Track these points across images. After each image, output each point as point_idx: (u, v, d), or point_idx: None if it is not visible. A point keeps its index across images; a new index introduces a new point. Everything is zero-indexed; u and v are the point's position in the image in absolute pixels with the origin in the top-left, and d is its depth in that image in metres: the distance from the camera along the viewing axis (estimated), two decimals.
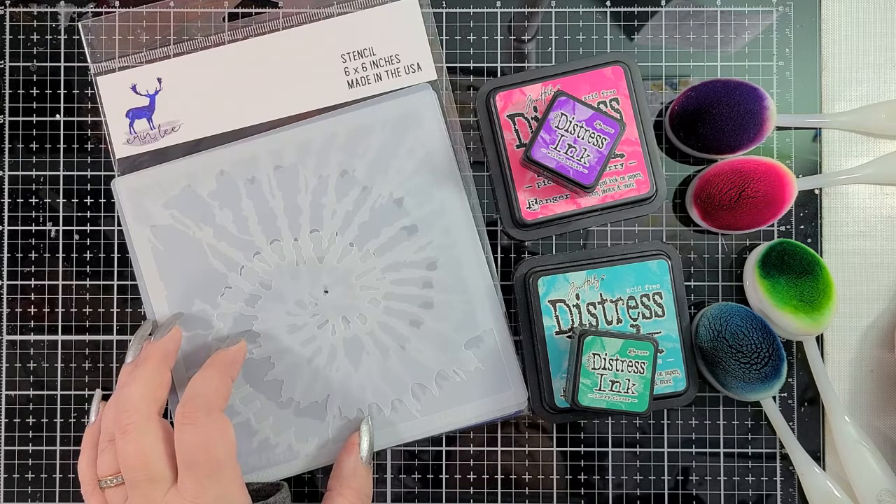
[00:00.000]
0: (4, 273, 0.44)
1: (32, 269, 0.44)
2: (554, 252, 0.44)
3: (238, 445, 0.42)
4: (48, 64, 0.44)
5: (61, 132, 0.44)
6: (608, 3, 0.44)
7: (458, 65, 0.44)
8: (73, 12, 0.44)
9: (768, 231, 0.44)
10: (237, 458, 0.37)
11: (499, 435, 0.44)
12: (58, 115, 0.44)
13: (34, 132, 0.44)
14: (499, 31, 0.44)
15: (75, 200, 0.44)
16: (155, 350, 0.39)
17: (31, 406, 0.44)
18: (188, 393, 0.37)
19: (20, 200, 0.44)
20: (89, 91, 0.44)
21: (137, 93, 0.43)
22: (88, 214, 0.44)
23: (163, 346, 0.39)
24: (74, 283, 0.44)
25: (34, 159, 0.44)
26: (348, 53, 0.43)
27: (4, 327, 0.44)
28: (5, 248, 0.44)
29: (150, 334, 0.41)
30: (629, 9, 0.44)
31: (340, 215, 0.43)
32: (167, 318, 0.42)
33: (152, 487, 0.36)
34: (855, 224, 0.44)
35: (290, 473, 0.43)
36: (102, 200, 0.44)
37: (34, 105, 0.44)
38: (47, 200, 0.44)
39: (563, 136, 0.39)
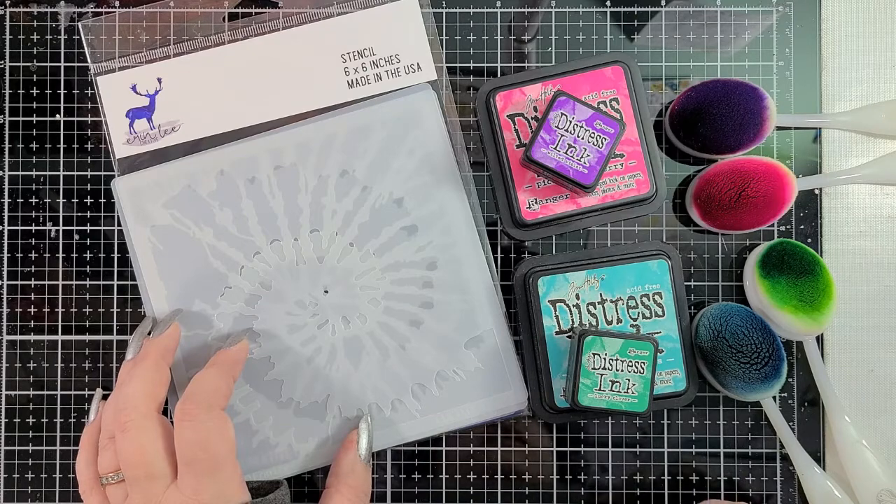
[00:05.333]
0: (4, 273, 0.44)
1: (32, 269, 0.44)
2: (554, 252, 0.44)
3: (238, 445, 0.42)
4: (48, 64, 0.44)
5: (61, 132, 0.44)
6: (608, 3, 0.44)
7: (458, 65, 0.44)
8: (73, 12, 0.44)
9: (768, 231, 0.44)
10: (238, 458, 0.37)
11: (499, 435, 0.44)
12: (58, 115, 0.44)
13: (34, 132, 0.44)
14: (499, 31, 0.44)
15: (75, 200, 0.44)
16: (154, 347, 0.39)
17: (31, 406, 0.44)
18: (189, 390, 0.37)
19: (20, 200, 0.44)
20: (89, 91, 0.44)
21: (137, 93, 0.43)
22: (88, 214, 0.44)
23: (161, 343, 0.40)
24: (74, 283, 0.44)
25: (34, 159, 0.44)
26: (348, 53, 0.43)
27: (4, 327, 0.44)
28: (5, 248, 0.44)
29: (150, 332, 0.41)
30: (629, 9, 0.44)
31: (340, 215, 0.43)
32: (166, 315, 0.42)
33: (152, 484, 0.36)
34: (855, 224, 0.44)
35: (290, 473, 0.43)
36: (102, 200, 0.44)
37: (34, 105, 0.44)
38: (47, 200, 0.44)
39: (563, 135, 0.39)
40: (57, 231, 0.44)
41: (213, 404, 0.37)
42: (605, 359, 0.38)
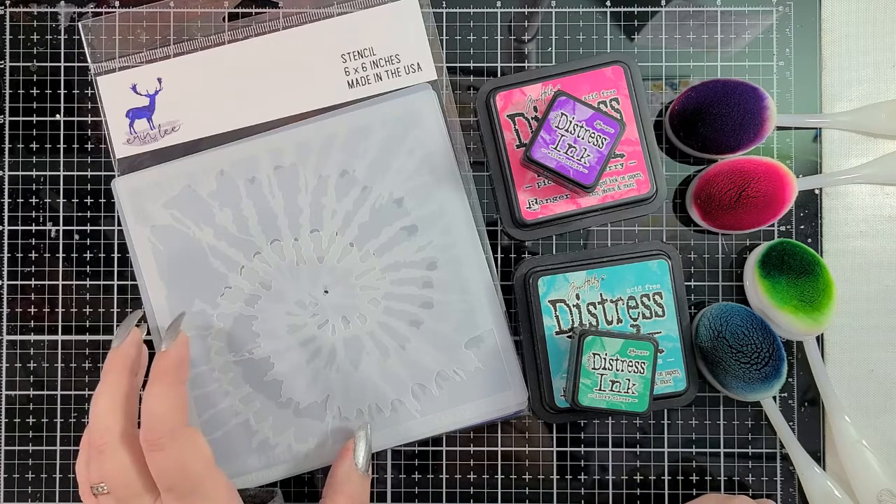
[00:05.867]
0: (4, 273, 0.44)
1: (32, 269, 0.44)
2: (554, 252, 0.44)
3: (238, 445, 0.43)
4: (48, 64, 0.44)
5: (61, 132, 0.44)
6: (608, 3, 0.44)
7: (458, 65, 0.44)
8: (73, 12, 0.44)
9: (768, 231, 0.44)
10: (237, 458, 0.37)
11: (499, 435, 0.44)
12: (58, 115, 0.44)
13: (34, 132, 0.44)
14: (499, 31, 0.44)
15: (75, 200, 0.44)
16: (166, 364, 0.38)
17: (31, 406, 0.44)
18: (146, 418, 0.35)
19: (20, 200, 0.44)
20: (89, 91, 0.44)
21: (137, 93, 0.43)
22: (88, 214, 0.44)
23: (171, 358, 0.38)
24: (74, 283, 0.44)
25: (34, 159, 0.44)
26: (348, 53, 0.43)
27: (4, 327, 0.44)
28: (5, 248, 0.44)
29: (139, 323, 0.40)
30: (629, 9, 0.44)
31: (340, 215, 0.43)
32: (172, 321, 0.40)
33: (138, 501, 0.35)
34: (855, 224, 0.44)
35: (290, 474, 0.43)
36: (102, 200, 0.44)
37: (34, 105, 0.44)
38: (47, 200, 0.44)
39: (563, 135, 0.39)
40: (57, 231, 0.44)
41: (174, 425, 0.36)
42: (605, 359, 0.38)
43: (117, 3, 0.44)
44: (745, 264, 0.43)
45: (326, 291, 0.43)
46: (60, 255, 0.44)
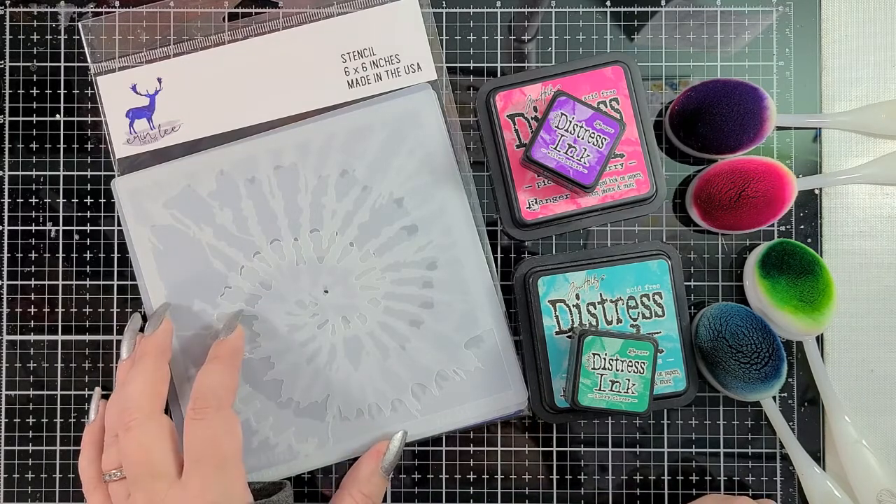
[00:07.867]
0: (4, 273, 0.44)
1: (32, 269, 0.44)
2: (554, 252, 0.44)
3: None
4: (48, 64, 0.44)
5: (61, 132, 0.44)
6: (608, 3, 0.44)
7: (458, 65, 0.44)
8: (73, 12, 0.44)
9: (768, 231, 0.44)
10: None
11: (499, 435, 0.44)
12: (58, 115, 0.44)
13: (34, 132, 0.44)
14: (499, 31, 0.44)
15: (75, 200, 0.44)
16: (151, 345, 0.39)
17: (31, 406, 0.44)
18: (197, 389, 0.38)
19: (20, 200, 0.44)
20: (89, 91, 0.44)
21: (137, 93, 0.43)
22: (88, 214, 0.44)
23: (157, 341, 0.40)
24: (74, 283, 0.44)
25: (34, 159, 0.44)
26: (348, 53, 0.43)
27: (4, 327, 0.44)
28: (5, 248, 0.44)
29: (141, 329, 0.41)
30: (629, 9, 0.44)
31: (340, 215, 0.43)
32: (155, 310, 0.42)
33: (154, 482, 0.36)
34: (855, 224, 0.44)
35: (290, 473, 0.43)
36: (102, 200, 0.44)
37: (34, 105, 0.44)
38: (47, 200, 0.44)
39: (563, 136, 0.39)
40: (57, 231, 0.44)
41: (223, 402, 0.38)
42: (605, 359, 0.38)
43: (117, 3, 0.44)
44: (745, 264, 0.43)
45: (326, 291, 0.43)
46: (60, 255, 0.44)
